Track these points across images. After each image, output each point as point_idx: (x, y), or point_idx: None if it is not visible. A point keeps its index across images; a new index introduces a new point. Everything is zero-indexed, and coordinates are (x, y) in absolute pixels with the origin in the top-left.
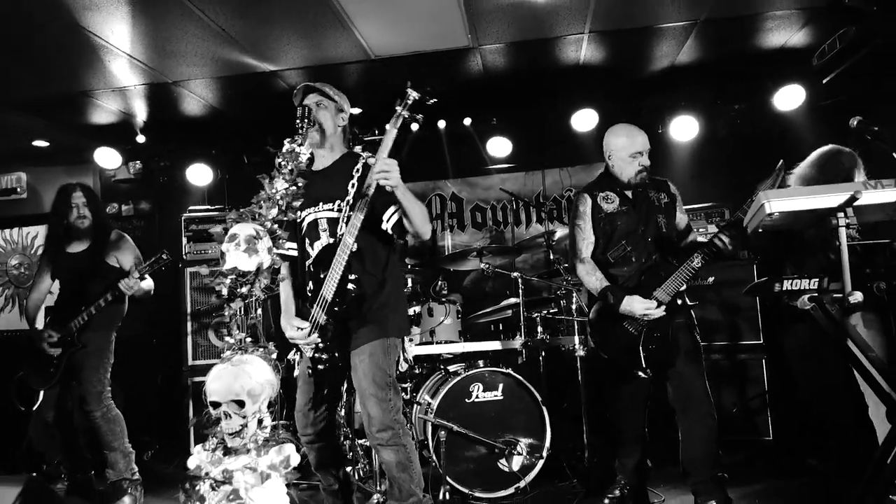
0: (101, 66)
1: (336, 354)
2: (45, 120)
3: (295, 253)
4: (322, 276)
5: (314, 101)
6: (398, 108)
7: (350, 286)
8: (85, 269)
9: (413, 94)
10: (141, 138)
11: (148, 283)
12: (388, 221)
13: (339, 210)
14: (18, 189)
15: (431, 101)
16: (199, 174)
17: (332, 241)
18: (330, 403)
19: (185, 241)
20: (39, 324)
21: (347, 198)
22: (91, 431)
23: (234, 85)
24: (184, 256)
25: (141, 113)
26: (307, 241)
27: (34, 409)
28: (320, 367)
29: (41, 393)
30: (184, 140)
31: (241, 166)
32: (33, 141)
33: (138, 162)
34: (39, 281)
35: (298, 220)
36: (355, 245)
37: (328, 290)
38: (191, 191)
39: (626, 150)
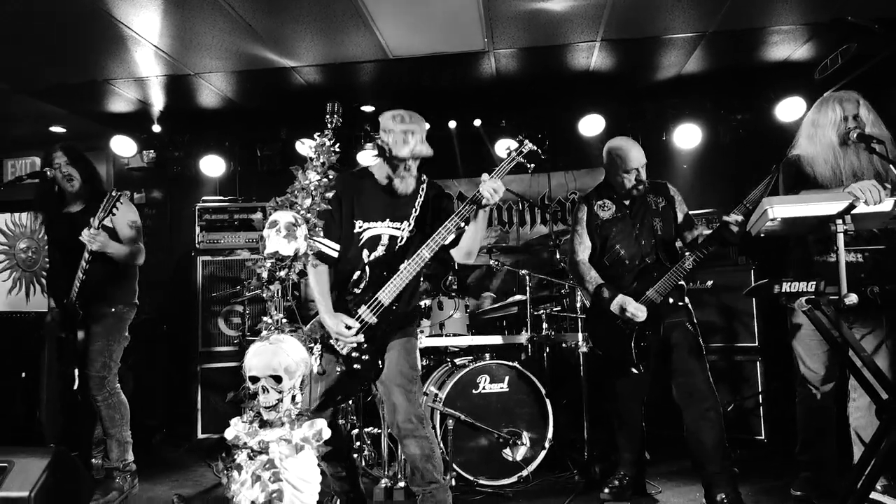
0: (127, 56)
1: (373, 357)
2: (65, 106)
3: (335, 254)
4: (382, 279)
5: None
6: (513, 153)
7: (410, 297)
8: (80, 231)
9: (529, 145)
10: (157, 128)
11: (122, 247)
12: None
13: (402, 229)
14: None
15: (543, 156)
16: (213, 165)
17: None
18: (340, 404)
19: (198, 230)
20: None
21: (411, 218)
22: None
23: (252, 79)
24: (197, 245)
25: (158, 102)
26: (365, 251)
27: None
28: (356, 366)
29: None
30: (198, 131)
31: (254, 159)
32: (50, 126)
33: (152, 151)
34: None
35: (358, 230)
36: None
37: (387, 295)
38: (203, 181)
39: (624, 165)
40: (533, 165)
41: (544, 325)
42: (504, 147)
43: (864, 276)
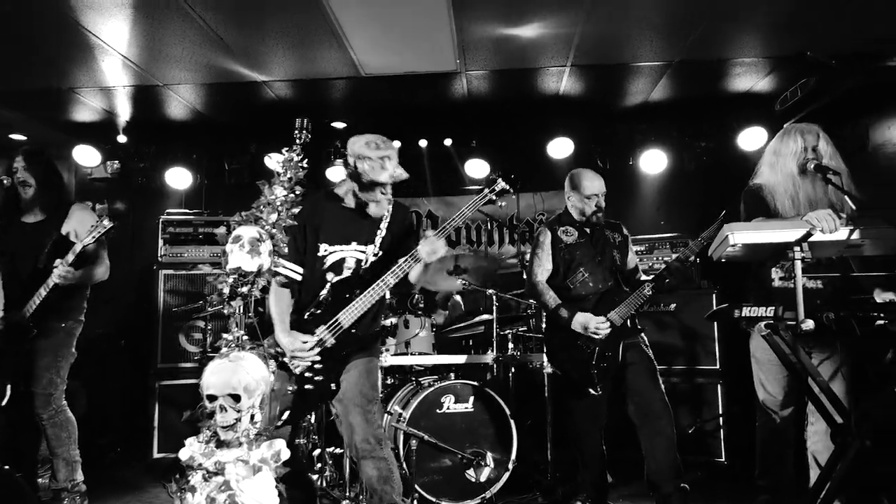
0: (94, 65)
1: (327, 378)
2: (27, 113)
3: (298, 277)
4: (344, 301)
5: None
6: (486, 191)
7: (372, 321)
8: (39, 244)
9: (501, 184)
10: (122, 138)
11: (88, 274)
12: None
13: (367, 252)
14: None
15: (513, 194)
16: (178, 177)
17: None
18: (286, 424)
19: (161, 243)
20: None
21: (377, 240)
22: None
23: (222, 92)
24: (159, 258)
25: (125, 113)
26: (330, 273)
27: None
28: (308, 386)
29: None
30: (165, 142)
31: (221, 172)
32: (10, 134)
33: (116, 162)
34: None
35: (322, 253)
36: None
37: (347, 317)
38: (168, 194)
39: (585, 191)
40: (504, 203)
41: (510, 345)
42: (474, 167)
43: (820, 303)
